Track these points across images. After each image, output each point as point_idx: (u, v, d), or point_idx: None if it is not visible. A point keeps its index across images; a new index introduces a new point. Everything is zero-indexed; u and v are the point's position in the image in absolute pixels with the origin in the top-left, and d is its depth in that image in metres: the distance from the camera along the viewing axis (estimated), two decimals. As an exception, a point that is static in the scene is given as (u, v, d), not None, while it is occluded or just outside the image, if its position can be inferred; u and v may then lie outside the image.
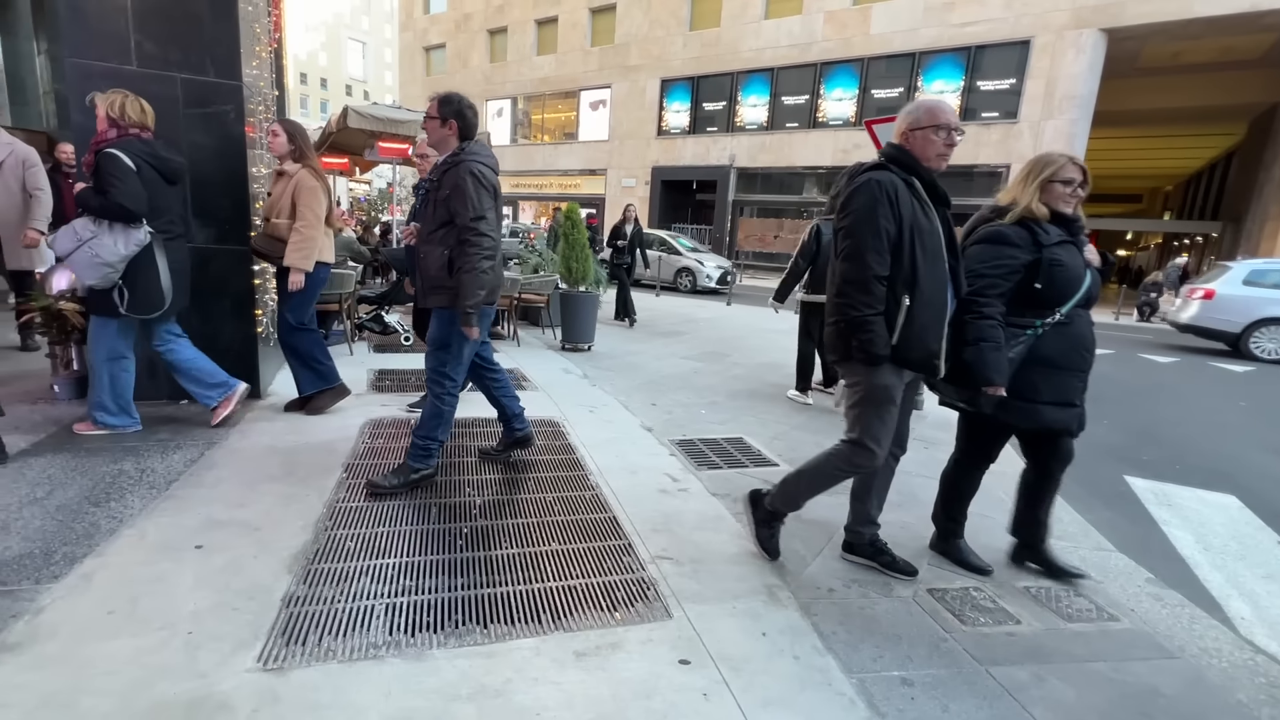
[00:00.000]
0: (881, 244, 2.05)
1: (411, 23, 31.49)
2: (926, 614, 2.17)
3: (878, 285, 2.06)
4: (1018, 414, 2.29)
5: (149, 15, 3.43)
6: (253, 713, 1.51)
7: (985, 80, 17.33)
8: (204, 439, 3.24)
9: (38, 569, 2.02)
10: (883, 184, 2.06)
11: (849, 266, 2.11)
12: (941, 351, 2.12)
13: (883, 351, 2.07)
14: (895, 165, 2.14)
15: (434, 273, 2.71)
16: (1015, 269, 2.21)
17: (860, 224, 2.09)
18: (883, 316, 2.07)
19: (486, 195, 2.64)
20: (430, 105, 2.77)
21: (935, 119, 2.11)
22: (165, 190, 3.10)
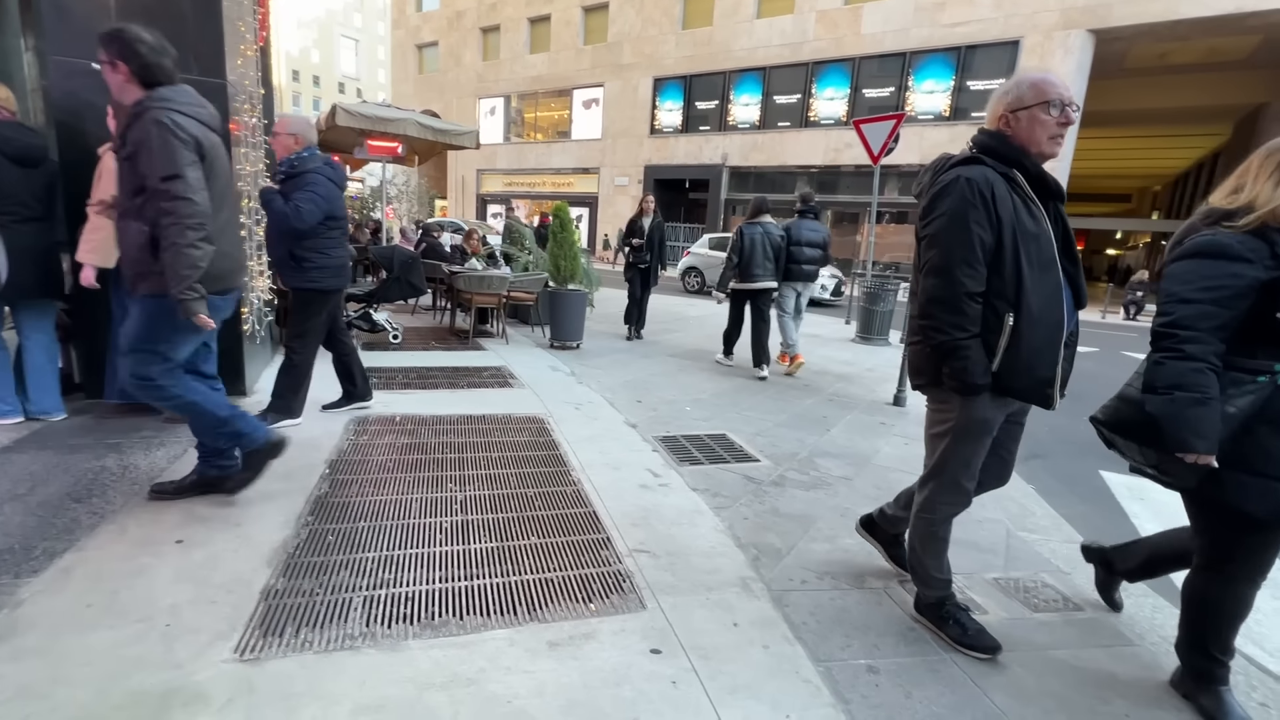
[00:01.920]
0: (974, 255, 1.73)
1: (404, 20, 31.37)
2: (897, 605, 2.22)
3: (971, 304, 1.76)
4: (1253, 496, 1.59)
5: (132, 13, 3.43)
6: (228, 702, 1.54)
7: (975, 80, 17.43)
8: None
9: (17, 564, 2.04)
10: (974, 182, 1.74)
11: (935, 283, 1.80)
12: (1057, 378, 1.78)
13: (981, 380, 1.77)
14: (991, 157, 1.81)
15: (134, 254, 2.25)
16: (1240, 292, 1.55)
17: (947, 232, 1.77)
18: (979, 339, 1.77)
19: (183, 150, 2.17)
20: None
21: (1044, 94, 1.75)
22: (11, 171, 3.03)
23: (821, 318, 10.70)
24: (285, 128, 3.45)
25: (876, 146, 8.34)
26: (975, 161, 1.81)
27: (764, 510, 2.93)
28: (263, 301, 4.45)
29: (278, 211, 3.27)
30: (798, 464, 3.57)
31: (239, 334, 3.91)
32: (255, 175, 4.27)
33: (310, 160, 3.41)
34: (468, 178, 29.03)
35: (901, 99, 18.30)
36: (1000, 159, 1.80)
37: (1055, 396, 1.80)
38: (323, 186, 3.36)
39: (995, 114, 1.85)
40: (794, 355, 6.14)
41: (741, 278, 5.79)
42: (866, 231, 19.69)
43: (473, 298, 6.40)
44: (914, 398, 5.13)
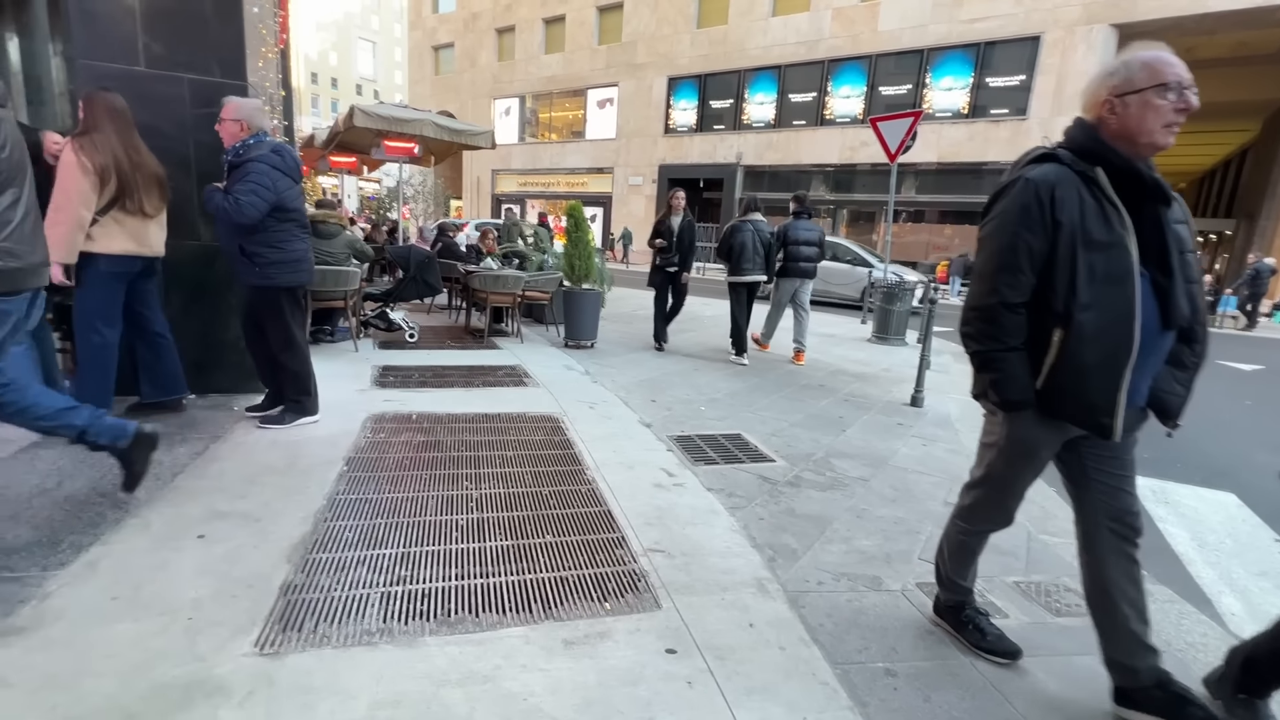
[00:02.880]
0: (1017, 262, 1.60)
1: (420, 22, 31.65)
2: (915, 607, 2.19)
3: (1008, 316, 1.64)
4: None
5: (157, 18, 3.50)
6: (248, 695, 1.56)
7: (995, 77, 17.21)
8: (209, 433, 3.31)
9: (45, 556, 2.08)
10: (1034, 184, 1.58)
11: (975, 290, 1.71)
12: (1116, 405, 1.56)
13: (1018, 396, 1.66)
14: (1073, 151, 1.62)
15: None
16: None
17: (994, 236, 1.65)
18: (1020, 353, 1.66)
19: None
20: None
21: (1160, 75, 1.51)
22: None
23: (836, 317, 10.62)
24: (230, 113, 3.22)
25: (894, 144, 8.27)
26: (1050, 159, 1.64)
27: (779, 511, 2.91)
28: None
29: (218, 208, 3.11)
30: (813, 464, 3.55)
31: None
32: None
33: (255, 148, 3.20)
34: (483, 178, 29.22)
35: (919, 96, 18.10)
36: (1085, 154, 1.59)
37: (1115, 426, 1.58)
38: (266, 176, 3.14)
39: (1096, 99, 1.60)
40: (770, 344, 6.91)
41: (733, 271, 6.27)
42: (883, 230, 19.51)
43: (488, 297, 6.44)
44: (931, 398, 5.07)
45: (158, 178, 3.30)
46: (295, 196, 3.35)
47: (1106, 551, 1.70)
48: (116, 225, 3.15)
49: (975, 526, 1.96)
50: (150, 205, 3.25)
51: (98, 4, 3.40)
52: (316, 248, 5.40)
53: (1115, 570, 1.70)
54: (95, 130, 3.06)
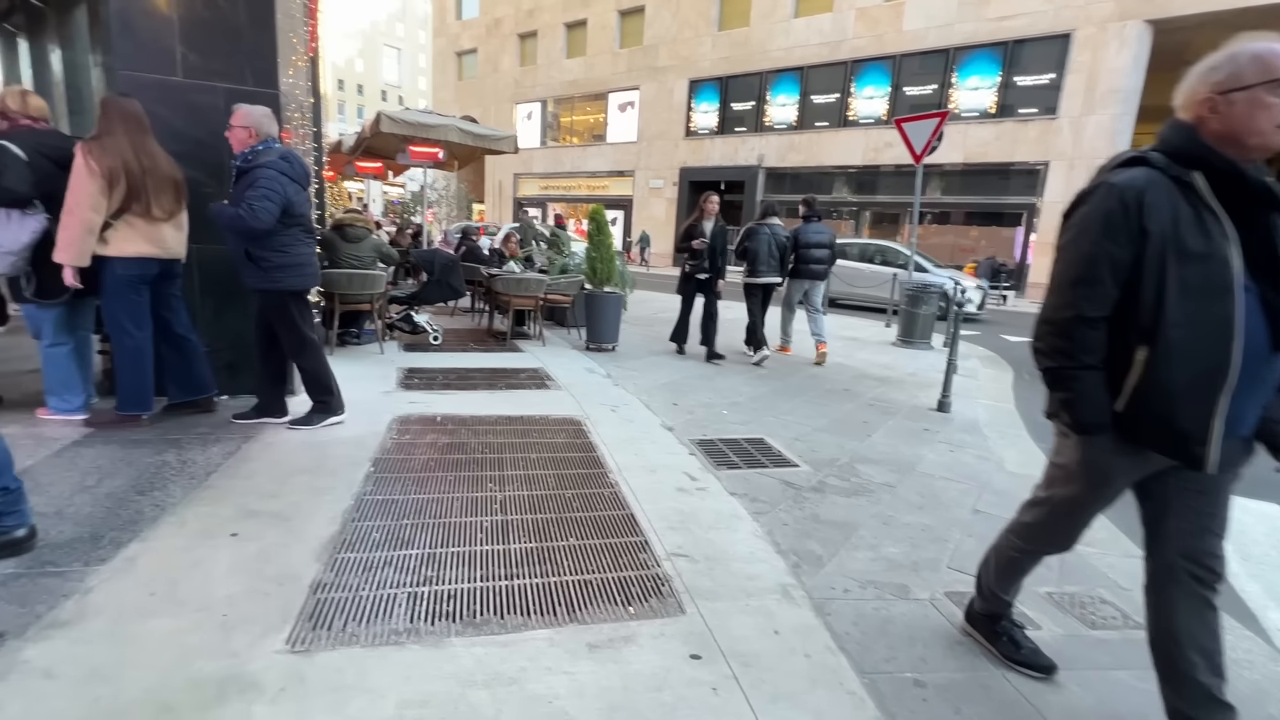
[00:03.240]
0: (1097, 274, 1.47)
1: (444, 28, 32.10)
2: (944, 617, 2.15)
3: (1084, 330, 1.51)
4: None
5: (193, 28, 3.60)
6: (280, 691, 1.59)
7: (1023, 76, 16.88)
8: (241, 433, 3.38)
9: (86, 552, 2.15)
10: (1119, 189, 1.45)
11: (1050, 302, 1.58)
12: (1210, 433, 1.42)
13: (1093, 419, 1.53)
14: (1168, 155, 1.48)
15: None
16: None
17: (1073, 245, 1.53)
18: (1097, 372, 1.52)
19: None
20: None
21: (1272, 70, 1.36)
22: (62, 177, 3.07)
23: (860, 320, 10.49)
24: (240, 120, 3.27)
25: (919, 145, 8.16)
26: (1139, 162, 1.50)
27: (804, 516, 2.88)
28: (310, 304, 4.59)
29: (230, 217, 3.16)
30: (838, 470, 3.51)
31: (289, 335, 4.04)
32: (305, 181, 4.41)
33: (265, 154, 3.24)
34: (505, 182, 29.50)
35: (944, 96, 17.84)
36: (1180, 158, 1.46)
37: (1209, 456, 1.42)
38: (276, 181, 3.18)
39: (1195, 97, 1.46)
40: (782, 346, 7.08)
41: (749, 273, 6.50)
42: (907, 233, 19.24)
43: (510, 300, 6.49)
44: (959, 403, 4.98)
45: (173, 181, 3.32)
46: (303, 202, 3.38)
47: (1180, 595, 1.53)
48: (130, 228, 3.19)
49: (1031, 546, 1.86)
50: (163, 208, 3.25)
51: (138, 16, 3.51)
52: (344, 251, 5.51)
53: (1187, 615, 1.54)
54: (106, 135, 3.11)
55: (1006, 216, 17.82)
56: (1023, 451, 4.13)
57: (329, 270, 5.24)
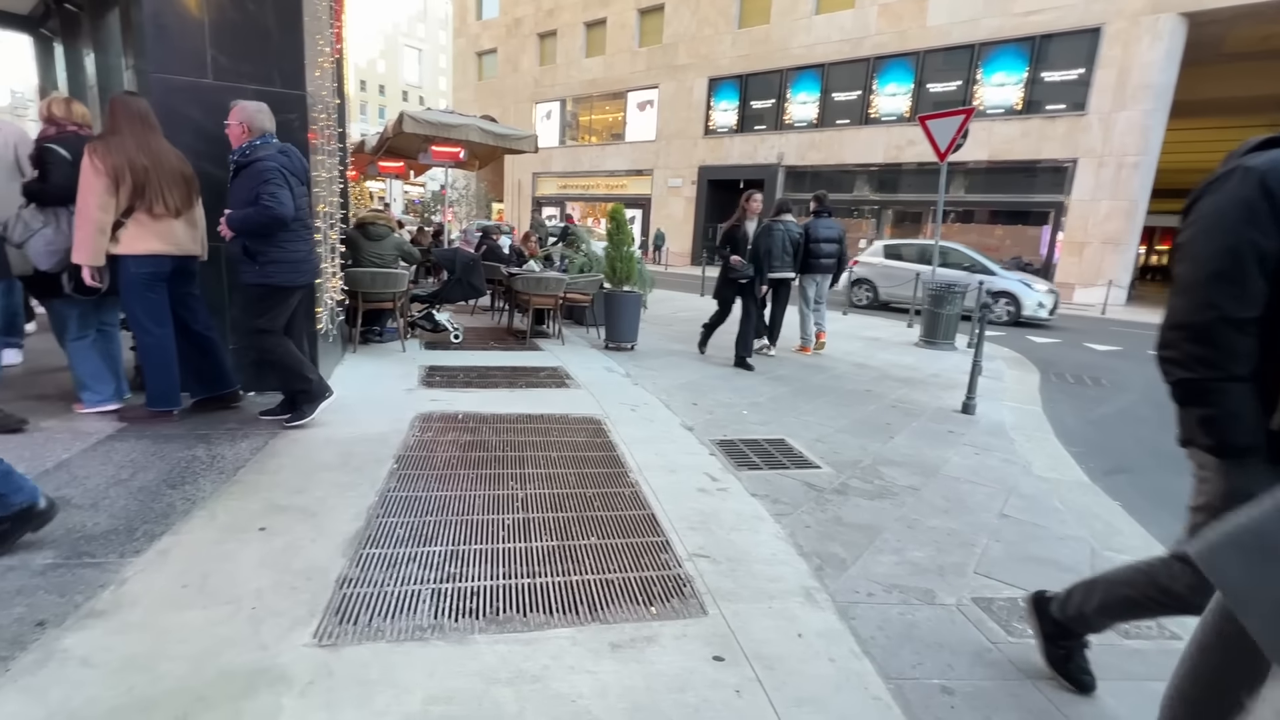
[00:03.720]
0: (1241, 269, 1.27)
1: (465, 28, 32.34)
2: (971, 623, 2.12)
3: (1231, 334, 1.28)
4: None
5: (223, 31, 3.67)
6: (309, 685, 1.61)
7: (1051, 71, 16.53)
8: (268, 429, 3.44)
9: (122, 544, 2.20)
10: (1258, 173, 1.27)
11: (1181, 304, 1.37)
12: None
13: (1243, 440, 1.30)
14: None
15: None
16: None
17: (1204, 238, 1.34)
18: (1245, 384, 1.29)
19: None
20: None
21: None
22: None
23: (881, 320, 10.37)
24: (235, 116, 3.29)
25: (943, 143, 8.03)
26: (1278, 144, 1.32)
27: (826, 519, 2.85)
28: (335, 302, 4.67)
29: (245, 218, 3.17)
30: (860, 472, 3.47)
31: (313, 333, 4.11)
32: (330, 181, 4.48)
33: (262, 149, 3.25)
34: (523, 181, 29.65)
35: (969, 93, 17.55)
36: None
37: None
38: (278, 174, 3.19)
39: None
40: (806, 343, 7.07)
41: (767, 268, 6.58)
42: (930, 231, 18.99)
43: (530, 299, 6.52)
44: (984, 405, 4.90)
45: (183, 177, 3.33)
46: (299, 196, 3.36)
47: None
48: (140, 226, 3.22)
49: (1162, 598, 1.54)
50: (171, 204, 3.26)
51: (170, 19, 3.58)
52: (366, 250, 5.58)
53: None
54: (112, 134, 3.15)
55: (1033, 215, 17.48)
56: (1050, 455, 4.04)
57: (352, 269, 5.32)
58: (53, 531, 2.23)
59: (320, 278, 3.56)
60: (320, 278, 3.56)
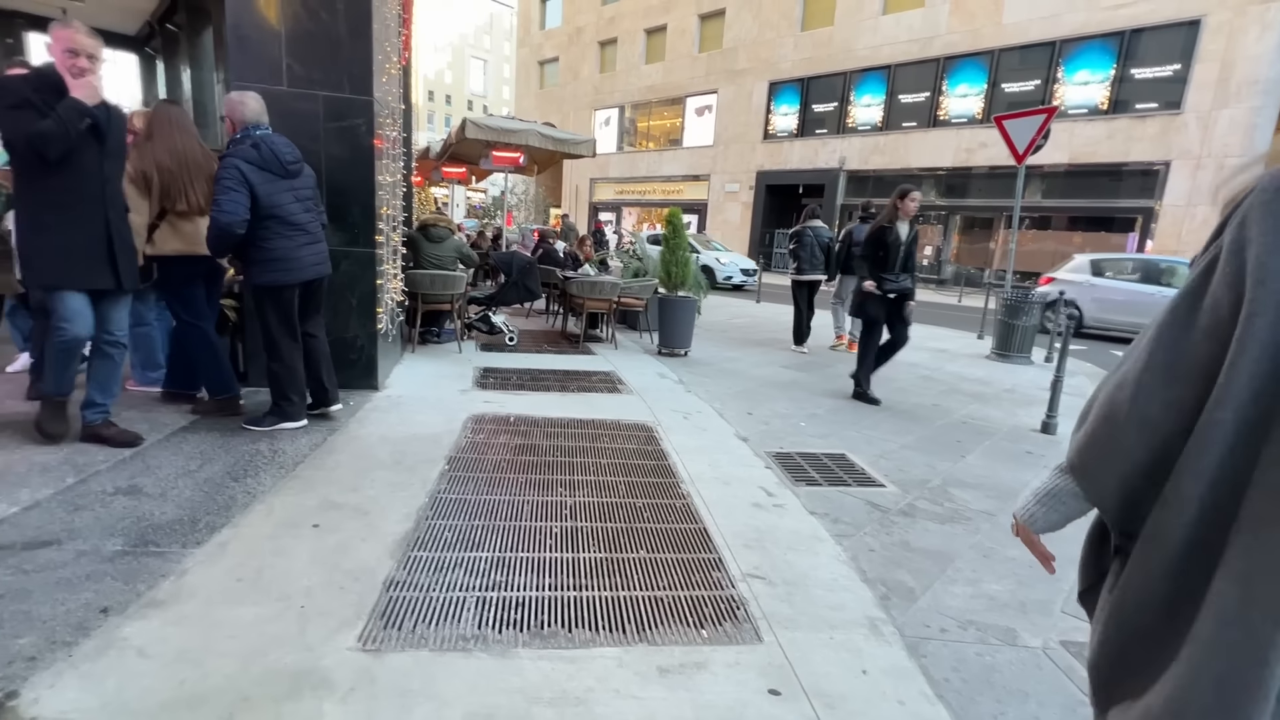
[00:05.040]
0: None
1: (528, 38, 33.10)
2: (1060, 670, 1.90)
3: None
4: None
5: (298, 40, 3.80)
6: (350, 690, 1.58)
7: (1141, 68, 15.40)
8: (327, 426, 3.52)
9: (184, 534, 2.26)
10: None
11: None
12: None
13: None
14: None
15: None
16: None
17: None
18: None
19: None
20: None
21: None
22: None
23: (948, 331, 9.86)
24: (224, 110, 3.25)
25: (1021, 145, 7.57)
26: None
27: (892, 543, 2.66)
28: (394, 302, 4.77)
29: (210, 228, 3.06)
30: (929, 493, 3.24)
31: (373, 332, 4.20)
32: (394, 185, 4.58)
33: (237, 143, 3.12)
34: (581, 186, 30.01)
35: (1048, 92, 16.58)
36: None
37: None
38: (233, 170, 3.02)
39: None
40: (841, 337, 7.39)
41: (797, 271, 7.16)
42: (1004, 238, 18.07)
43: (585, 302, 6.51)
44: (1066, 424, 4.51)
45: (208, 175, 3.35)
46: (275, 192, 3.14)
47: None
48: (170, 228, 3.35)
49: None
50: (194, 201, 3.34)
51: (250, 30, 3.74)
52: (427, 251, 5.69)
53: None
54: (145, 140, 3.34)
55: (1117, 221, 16.30)
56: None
57: (412, 270, 5.43)
58: (123, 519, 2.32)
59: (325, 276, 3.45)
60: (325, 276, 3.45)
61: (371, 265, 4.12)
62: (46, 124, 2.54)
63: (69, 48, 2.62)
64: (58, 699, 1.47)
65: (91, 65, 2.67)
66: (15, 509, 2.33)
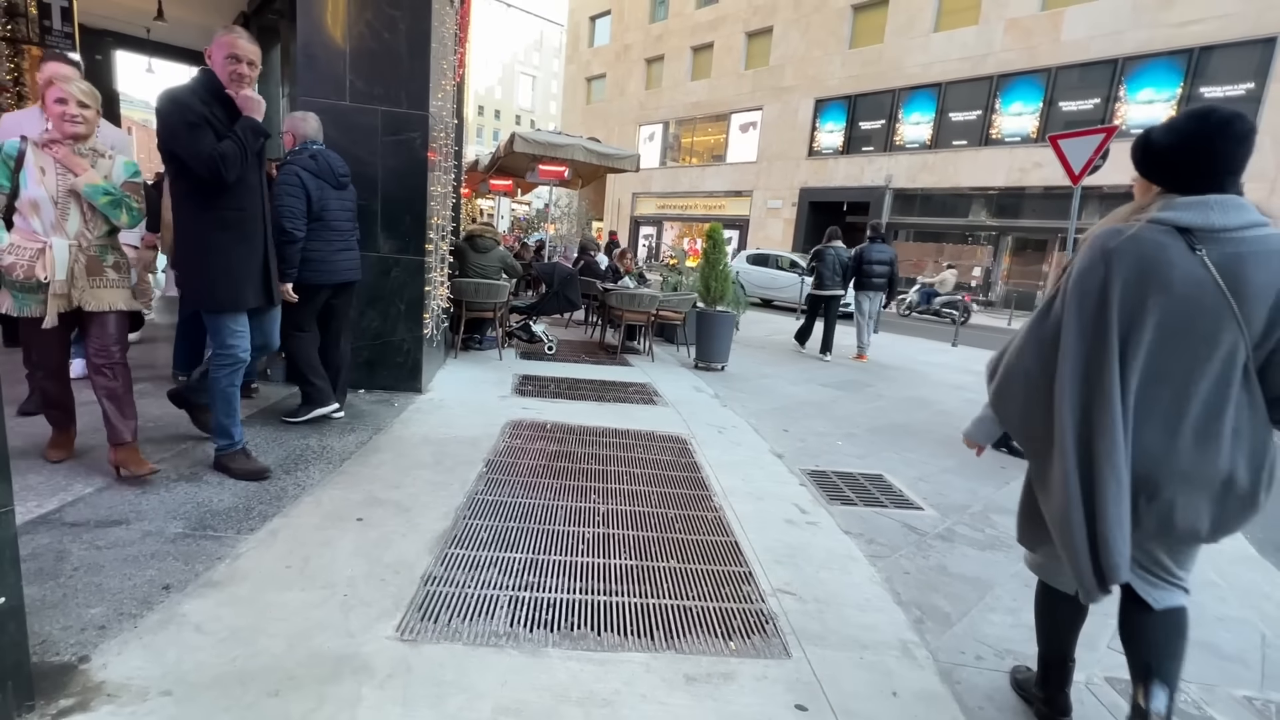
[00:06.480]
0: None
1: (576, 55, 33.85)
2: (1104, 706, 1.83)
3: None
4: None
5: (360, 57, 4.01)
6: (388, 677, 1.64)
7: (1211, 86, 14.77)
8: (373, 425, 3.65)
9: (239, 521, 2.38)
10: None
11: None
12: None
13: None
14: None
15: None
16: None
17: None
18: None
19: None
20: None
21: None
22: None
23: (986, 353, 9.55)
24: (285, 125, 3.50)
25: (1078, 165, 7.32)
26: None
27: (928, 566, 2.60)
28: (440, 309, 4.93)
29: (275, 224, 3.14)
30: (969, 518, 3.15)
31: (419, 337, 4.35)
32: (444, 196, 4.76)
33: (297, 154, 3.37)
34: (623, 200, 30.36)
35: (1109, 111, 16.03)
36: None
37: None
38: (291, 177, 3.26)
39: None
40: (859, 352, 7.99)
41: (817, 286, 7.82)
42: (1058, 260, 17.44)
43: (624, 314, 6.58)
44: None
45: None
46: (328, 199, 3.39)
47: None
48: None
49: None
50: None
51: (318, 49, 3.97)
52: (473, 260, 5.86)
53: None
54: None
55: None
56: (1204, 519, 3.49)
57: (458, 279, 5.60)
58: (184, 504, 2.46)
59: (356, 280, 3.60)
60: (356, 280, 3.60)
61: (420, 272, 4.28)
62: (228, 145, 2.47)
63: (231, 54, 2.53)
64: (124, 665, 1.58)
65: (251, 72, 2.60)
66: (90, 489, 2.51)
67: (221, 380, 2.75)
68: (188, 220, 2.63)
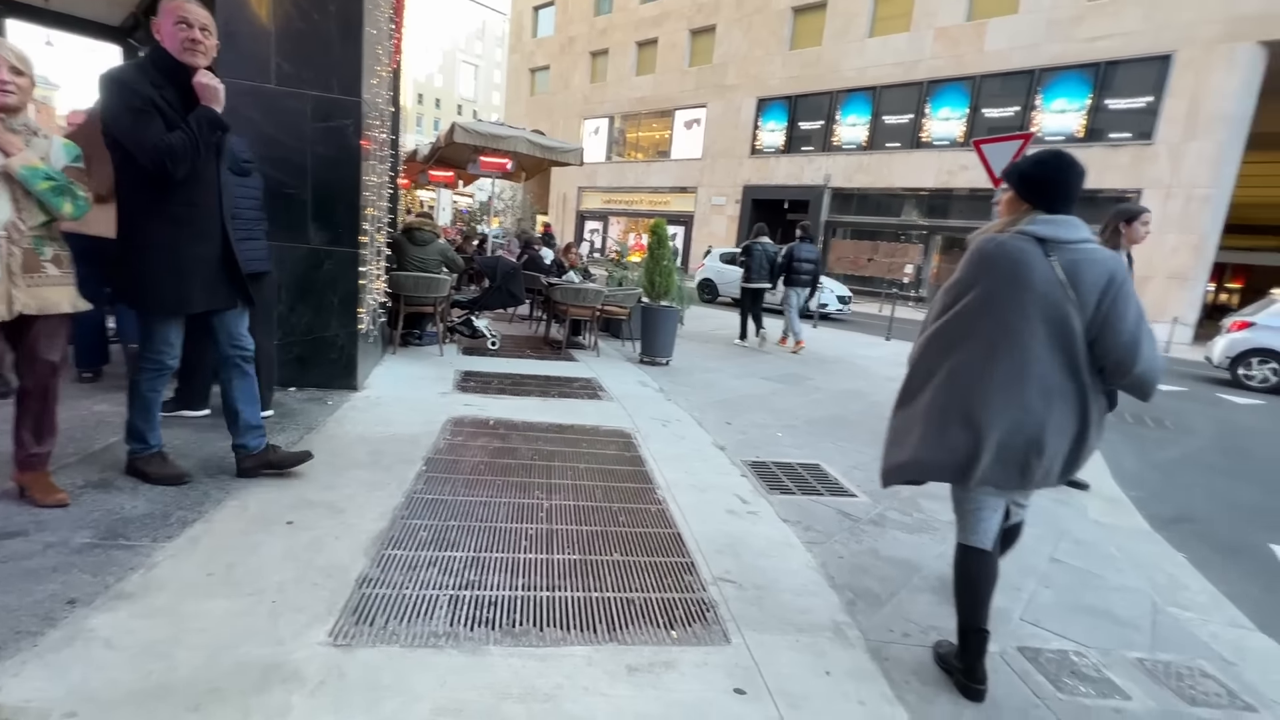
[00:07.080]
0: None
1: (520, 45, 33.24)
2: (1016, 674, 1.96)
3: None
4: None
5: (288, 38, 3.81)
6: (320, 685, 1.59)
7: (1116, 99, 15.93)
8: (304, 424, 3.50)
9: (155, 529, 2.24)
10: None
11: None
12: None
13: None
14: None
15: None
16: None
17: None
18: None
19: None
20: None
21: None
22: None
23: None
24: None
25: (998, 167, 7.77)
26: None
27: (861, 550, 2.72)
28: (377, 303, 4.76)
29: None
30: (899, 503, 3.31)
31: (354, 332, 4.19)
32: (380, 186, 4.60)
33: None
34: (569, 194, 30.09)
35: (1026, 119, 17.05)
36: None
37: None
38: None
39: None
40: (798, 340, 8.36)
41: (746, 279, 8.41)
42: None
43: (568, 309, 6.54)
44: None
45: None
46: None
47: None
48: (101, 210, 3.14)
49: None
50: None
51: (240, 25, 3.74)
52: (411, 254, 5.69)
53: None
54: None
55: (1091, 246, 16.76)
56: (1108, 498, 3.79)
57: (396, 272, 5.43)
58: (92, 512, 2.29)
59: (264, 271, 3.20)
60: (264, 271, 3.20)
61: (355, 265, 4.12)
62: (178, 138, 2.26)
63: (180, 18, 2.31)
64: (21, 687, 1.46)
65: (206, 39, 2.36)
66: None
67: (143, 385, 2.57)
68: (132, 211, 2.40)
